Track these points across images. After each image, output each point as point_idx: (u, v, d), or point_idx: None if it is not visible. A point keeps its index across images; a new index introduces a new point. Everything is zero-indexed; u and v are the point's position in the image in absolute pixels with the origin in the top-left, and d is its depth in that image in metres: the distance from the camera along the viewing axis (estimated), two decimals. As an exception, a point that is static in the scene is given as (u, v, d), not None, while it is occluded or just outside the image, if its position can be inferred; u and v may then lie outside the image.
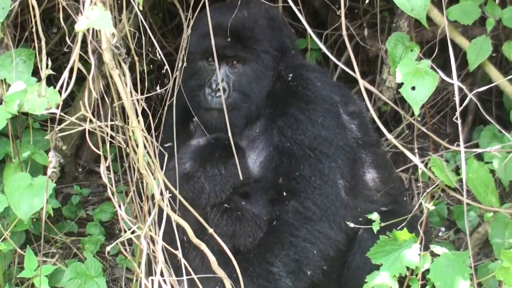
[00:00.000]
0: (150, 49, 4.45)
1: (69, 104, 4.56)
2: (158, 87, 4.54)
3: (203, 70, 3.26)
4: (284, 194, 3.10)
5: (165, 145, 3.30)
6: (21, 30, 3.62)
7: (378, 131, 3.24)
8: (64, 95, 2.44)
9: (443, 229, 4.09)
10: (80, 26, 2.18)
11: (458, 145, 2.68)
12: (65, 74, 2.38)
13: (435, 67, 2.77)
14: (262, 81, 3.25)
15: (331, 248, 3.06)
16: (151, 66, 5.18)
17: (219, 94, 3.17)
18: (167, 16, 4.91)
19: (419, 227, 2.82)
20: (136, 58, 2.76)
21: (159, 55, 2.89)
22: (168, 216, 2.66)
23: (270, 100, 3.25)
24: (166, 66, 2.96)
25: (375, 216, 3.01)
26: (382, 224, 2.96)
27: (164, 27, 4.90)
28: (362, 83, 2.75)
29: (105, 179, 2.73)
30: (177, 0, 3.61)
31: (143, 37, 3.95)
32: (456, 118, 2.62)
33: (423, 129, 3.07)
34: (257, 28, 3.24)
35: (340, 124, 3.22)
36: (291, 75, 3.26)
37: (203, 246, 2.75)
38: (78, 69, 2.63)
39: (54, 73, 2.49)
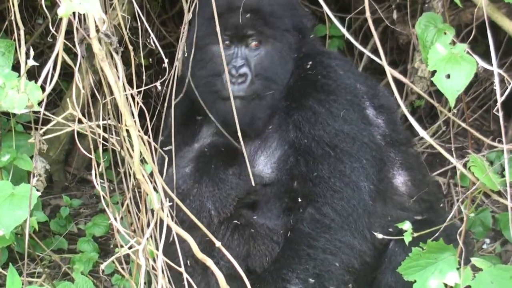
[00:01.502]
0: (148, 40, 4.46)
1: (57, 105, 4.60)
2: (158, 83, 4.52)
3: (217, 56, 3.17)
4: (299, 200, 3.08)
5: (164, 148, 3.28)
6: (0, 21, 3.65)
7: (410, 129, 3.22)
8: (47, 90, 2.40)
9: (487, 240, 4.06)
10: (63, 10, 2.17)
11: (501, 142, 2.64)
12: (49, 65, 2.36)
13: (471, 52, 2.73)
14: (286, 64, 3.23)
15: (355, 260, 3.03)
16: (150, 59, 5.19)
17: (241, 80, 3.14)
18: (167, 2, 4.92)
19: (458, 237, 2.78)
20: (130, 48, 2.74)
21: (154, 43, 2.86)
22: (169, 230, 2.64)
23: (285, 92, 3.22)
24: (163, 57, 2.92)
25: (407, 226, 2.98)
26: (415, 235, 2.93)
27: (164, 15, 4.92)
28: (390, 72, 2.72)
29: (98, 187, 2.71)
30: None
31: (140, 25, 3.96)
32: (497, 111, 2.59)
33: (463, 124, 3.02)
34: (276, 4, 3.22)
35: (366, 118, 3.20)
36: (310, 62, 3.24)
37: (209, 262, 2.73)
38: (67, 64, 2.62)
39: (37, 64, 2.47)
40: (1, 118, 3.79)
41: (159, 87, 5.03)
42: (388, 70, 2.71)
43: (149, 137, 2.78)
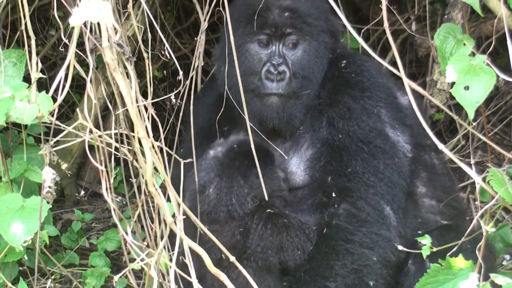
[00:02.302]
0: (162, 51, 4.49)
1: (69, 117, 4.61)
2: (173, 96, 4.52)
3: (254, 55, 3.25)
4: (334, 195, 3.09)
5: (184, 161, 3.29)
6: (12, 32, 3.67)
7: (431, 142, 3.21)
8: (59, 100, 2.42)
9: (507, 256, 4.03)
10: (75, 19, 2.19)
11: (517, 154, 2.62)
12: (60, 75, 2.37)
13: (490, 63, 2.72)
14: (322, 63, 3.28)
15: (391, 253, 3.04)
16: (165, 72, 5.21)
17: (280, 77, 3.18)
18: (182, 13, 4.94)
19: (476, 252, 2.76)
20: (145, 55, 2.73)
21: (168, 53, 2.87)
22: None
23: (319, 90, 3.27)
24: (178, 67, 2.92)
25: (425, 241, 2.97)
26: (434, 249, 2.91)
27: (179, 26, 4.93)
28: (408, 84, 2.71)
29: (108, 199, 2.71)
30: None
31: (151, 36, 3.97)
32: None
33: (482, 137, 3.01)
34: (312, 6, 3.28)
35: (399, 117, 3.22)
36: (344, 61, 3.30)
37: (223, 277, 2.72)
38: (80, 76, 2.63)
39: (45, 76, 2.47)
40: (12, 130, 3.79)
41: (174, 100, 5.05)
42: (406, 81, 2.71)
43: (161, 149, 2.78)
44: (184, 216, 2.66)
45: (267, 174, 3.10)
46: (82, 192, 4.64)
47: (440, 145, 2.69)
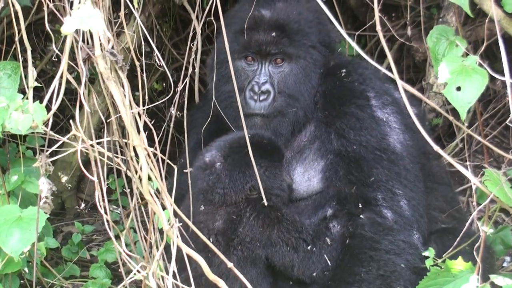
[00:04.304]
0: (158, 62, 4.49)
1: (69, 131, 4.61)
2: (172, 108, 4.54)
3: (241, 72, 3.26)
4: (359, 205, 3.08)
5: (185, 170, 3.29)
6: (9, 47, 3.69)
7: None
8: (53, 109, 2.43)
9: (508, 258, 4.02)
10: (67, 28, 2.20)
11: (514, 154, 2.62)
12: (54, 84, 2.39)
13: (483, 63, 2.72)
14: (311, 81, 3.26)
15: (419, 260, 3.02)
16: (164, 84, 5.22)
17: (263, 97, 3.19)
18: (180, 24, 4.95)
19: (474, 253, 2.76)
20: (137, 64, 2.74)
21: (157, 58, 2.87)
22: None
23: (322, 101, 3.26)
24: (169, 75, 2.94)
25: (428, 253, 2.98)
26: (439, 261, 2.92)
27: (176, 37, 4.94)
28: (403, 86, 2.69)
29: (100, 209, 2.71)
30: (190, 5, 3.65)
31: (149, 47, 4.00)
32: (511, 122, 2.57)
33: (478, 138, 3.02)
34: (303, 21, 3.27)
35: (406, 123, 3.21)
36: (344, 70, 3.28)
37: (221, 283, 2.72)
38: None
39: (41, 85, 2.49)
40: (11, 144, 3.81)
41: (173, 112, 5.05)
42: (401, 84, 2.69)
43: (157, 159, 2.78)
44: (180, 224, 2.66)
45: (271, 169, 3.11)
46: (83, 205, 4.64)
47: (436, 147, 2.68)
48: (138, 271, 2.72)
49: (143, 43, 3.29)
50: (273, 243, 3.02)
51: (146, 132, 2.61)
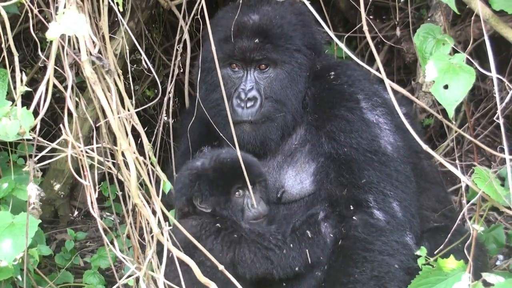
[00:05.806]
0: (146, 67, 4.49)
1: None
2: (165, 113, 4.55)
3: (227, 79, 3.25)
4: (351, 207, 3.08)
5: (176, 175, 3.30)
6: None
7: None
8: (41, 114, 2.42)
9: (501, 257, 4.03)
10: (52, 33, 2.20)
11: (502, 151, 2.60)
12: (41, 89, 2.38)
13: (471, 59, 2.71)
14: (297, 85, 3.26)
15: (413, 260, 3.00)
16: (156, 90, 5.22)
17: (250, 104, 3.19)
18: (170, 30, 4.96)
19: (465, 251, 2.75)
20: (119, 71, 2.73)
21: (145, 63, 2.87)
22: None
23: (311, 105, 3.27)
24: (157, 79, 2.94)
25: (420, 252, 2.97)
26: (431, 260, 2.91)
27: (166, 43, 4.95)
28: (390, 85, 2.69)
29: (93, 213, 2.71)
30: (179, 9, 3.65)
31: (139, 54, 3.99)
32: (498, 118, 2.57)
33: (468, 136, 3.02)
34: (286, 25, 3.26)
35: (396, 123, 3.22)
36: (332, 73, 3.28)
37: (212, 286, 2.71)
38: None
39: (31, 90, 2.49)
40: (2, 152, 3.81)
41: (165, 118, 5.06)
42: (388, 83, 2.69)
43: (151, 163, 2.78)
44: (171, 227, 2.66)
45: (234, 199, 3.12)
46: (76, 213, 4.64)
47: (425, 146, 2.68)
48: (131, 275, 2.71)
49: (127, 49, 3.29)
50: (239, 263, 3.00)
51: (139, 140, 2.62)
